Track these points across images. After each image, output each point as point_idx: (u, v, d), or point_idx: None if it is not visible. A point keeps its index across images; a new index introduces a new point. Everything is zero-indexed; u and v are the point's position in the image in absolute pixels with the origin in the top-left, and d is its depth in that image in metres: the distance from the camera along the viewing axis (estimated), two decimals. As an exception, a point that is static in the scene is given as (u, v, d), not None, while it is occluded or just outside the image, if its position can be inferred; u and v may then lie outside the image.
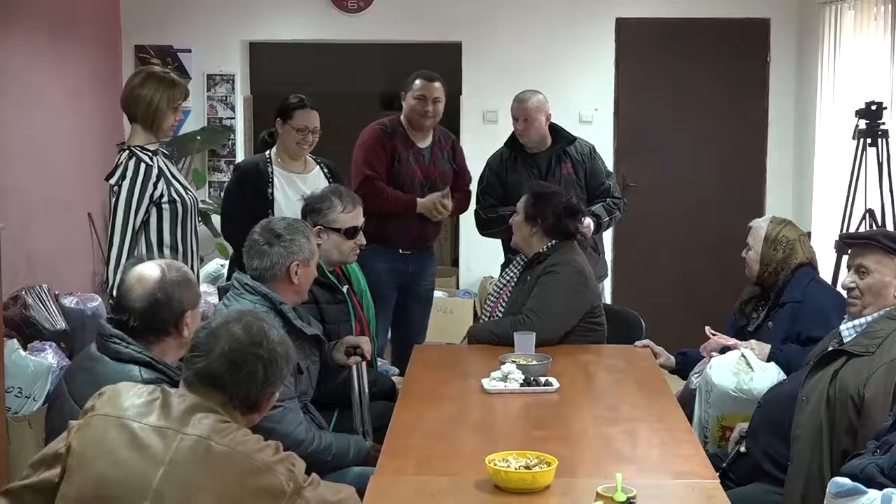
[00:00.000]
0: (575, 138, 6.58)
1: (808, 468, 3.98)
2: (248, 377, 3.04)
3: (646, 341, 5.46)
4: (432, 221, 6.35)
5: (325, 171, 6.09)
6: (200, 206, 7.27)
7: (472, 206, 6.73)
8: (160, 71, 5.64)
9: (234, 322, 3.11)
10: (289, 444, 3.25)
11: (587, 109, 8.75)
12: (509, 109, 6.48)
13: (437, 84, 6.38)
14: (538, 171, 6.42)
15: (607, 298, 6.75)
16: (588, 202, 6.33)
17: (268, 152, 5.95)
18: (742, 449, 4.49)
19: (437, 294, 8.60)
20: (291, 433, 4.01)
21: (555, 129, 6.56)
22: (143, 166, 5.12)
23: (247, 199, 5.68)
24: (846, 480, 3.24)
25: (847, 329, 4.13)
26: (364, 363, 4.91)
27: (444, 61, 8.96)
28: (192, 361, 3.06)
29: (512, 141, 6.63)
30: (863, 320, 4.10)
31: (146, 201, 5.14)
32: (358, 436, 4.58)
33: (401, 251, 6.34)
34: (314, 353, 4.51)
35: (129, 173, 5.11)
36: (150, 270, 3.63)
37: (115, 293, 5.06)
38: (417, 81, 6.36)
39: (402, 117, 6.46)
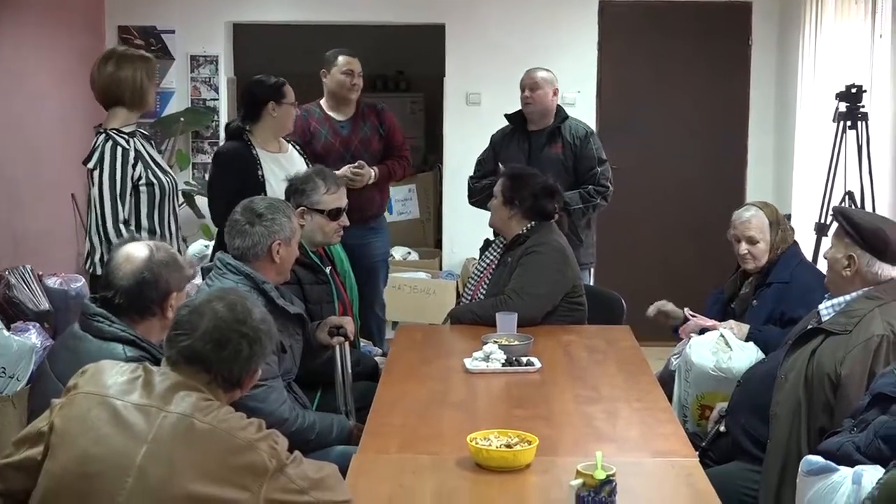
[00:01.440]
0: (567, 117, 6.61)
1: (786, 446, 4.00)
2: (232, 355, 3.04)
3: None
4: (356, 191, 6.18)
5: (298, 149, 6.15)
6: (184, 187, 7.27)
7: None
8: (125, 50, 5.61)
9: (217, 300, 3.11)
10: (272, 423, 3.25)
11: (570, 92, 8.72)
12: (493, 91, 6.50)
13: (356, 59, 6.62)
14: (528, 148, 6.45)
15: (590, 280, 6.74)
16: (575, 185, 6.34)
17: (245, 136, 5.92)
18: (721, 428, 4.52)
19: (420, 275, 8.67)
20: (275, 412, 4.01)
21: (558, 110, 6.59)
22: (119, 150, 5.13)
23: (236, 182, 5.65)
24: (818, 458, 3.26)
25: (826, 308, 4.15)
26: (347, 343, 4.92)
27: (428, 43, 8.99)
28: (175, 340, 3.05)
29: (513, 116, 6.67)
30: (841, 299, 4.12)
31: (129, 187, 5.14)
32: (341, 415, 4.60)
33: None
34: (297, 332, 4.52)
35: (107, 157, 5.12)
36: (138, 250, 3.63)
37: (99, 273, 5.10)
38: (341, 58, 6.61)
39: (324, 97, 6.68)
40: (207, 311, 3.07)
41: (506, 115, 6.72)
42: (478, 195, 6.53)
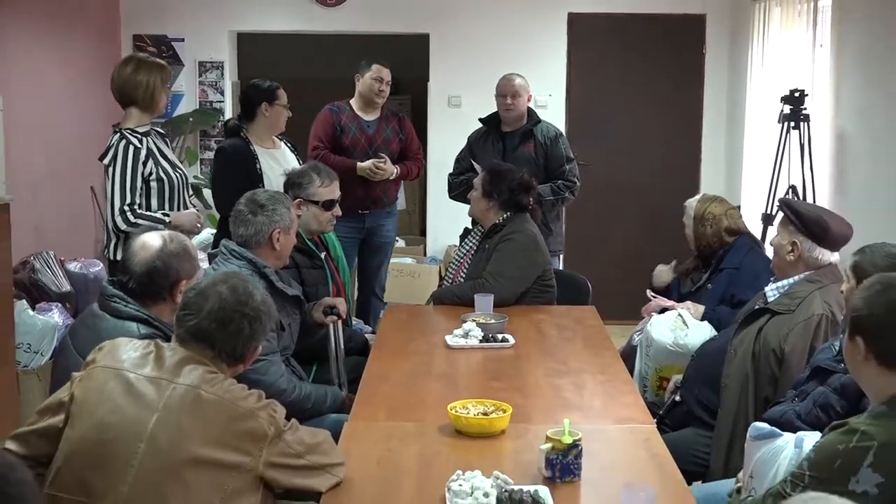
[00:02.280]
0: (540, 120, 6.60)
1: (735, 414, 4.02)
2: (235, 333, 3.05)
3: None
4: (379, 183, 6.53)
5: (290, 146, 6.18)
6: (193, 181, 7.26)
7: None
8: (146, 57, 5.65)
9: (221, 283, 3.12)
10: (272, 394, 3.25)
11: (542, 95, 8.72)
12: (472, 94, 6.50)
13: (388, 69, 6.67)
14: (502, 147, 6.44)
15: (560, 265, 6.75)
16: (546, 181, 6.34)
17: (243, 134, 5.92)
18: (677, 398, 4.53)
19: (405, 260, 8.70)
20: (275, 384, 4.01)
21: (530, 113, 6.58)
22: (132, 148, 5.13)
23: (239, 175, 5.66)
24: (764, 425, 3.27)
25: (771, 290, 4.17)
26: (340, 321, 4.92)
27: (413, 51, 8.97)
28: (183, 320, 3.07)
29: (489, 119, 6.66)
30: (785, 282, 4.14)
31: (139, 181, 5.13)
32: (334, 387, 4.59)
33: (359, 211, 6.51)
34: (294, 312, 4.52)
35: (120, 155, 5.13)
36: (152, 240, 3.63)
37: (114, 259, 5.11)
38: (374, 66, 6.64)
39: (354, 97, 6.72)
40: (212, 293, 3.08)
41: (480, 119, 6.71)
42: (456, 189, 6.54)
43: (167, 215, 5.19)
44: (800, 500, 1.46)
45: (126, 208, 5.10)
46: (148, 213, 5.15)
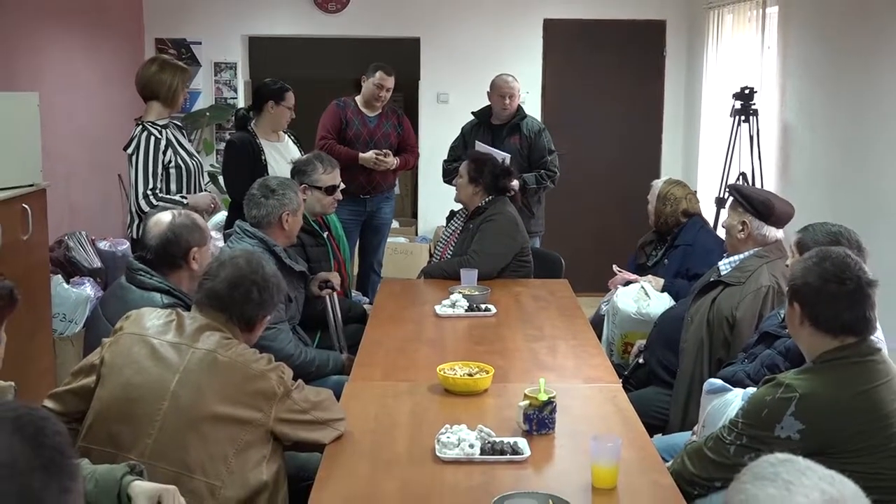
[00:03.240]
0: (526, 115, 6.60)
1: (691, 374, 4.03)
2: (244, 297, 3.07)
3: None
4: (378, 172, 6.55)
5: (293, 139, 6.16)
6: (209, 168, 7.24)
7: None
8: (169, 59, 5.66)
9: (239, 256, 3.18)
10: (280, 358, 3.25)
11: (520, 92, 8.72)
12: (459, 92, 6.49)
13: (391, 77, 6.65)
14: (492, 139, 6.42)
15: (535, 243, 6.75)
16: (529, 170, 6.35)
17: (250, 127, 5.91)
18: (640, 360, 4.54)
19: (399, 240, 8.68)
20: (283, 349, 4.00)
21: (518, 108, 6.58)
22: (153, 139, 5.13)
23: (246, 165, 5.65)
24: (717, 381, 3.29)
25: (724, 265, 4.17)
26: (335, 294, 4.92)
27: (405, 53, 8.93)
28: (202, 284, 3.11)
29: (480, 112, 6.64)
30: (736, 258, 4.14)
31: (160, 168, 5.12)
32: (336, 352, 4.59)
33: (360, 196, 6.51)
34: (300, 285, 4.53)
35: (142, 145, 5.13)
36: (163, 216, 3.65)
37: (136, 238, 5.11)
38: (378, 73, 6.62)
39: (359, 95, 6.71)
40: (230, 263, 3.12)
41: (473, 113, 6.70)
42: (451, 175, 6.52)
43: (185, 198, 5.18)
44: (767, 464, 1.44)
45: (149, 192, 5.09)
46: (168, 196, 5.14)
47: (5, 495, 1.22)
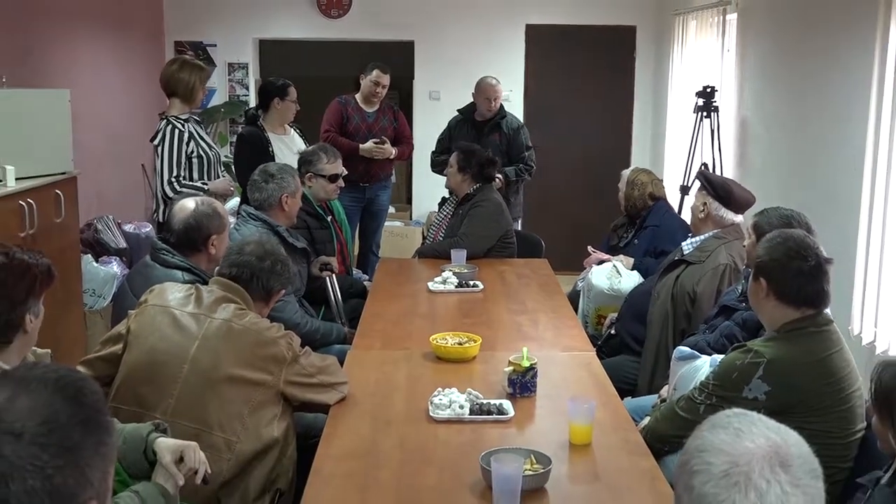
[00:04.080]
0: (507, 114, 6.59)
1: (657, 343, 4.05)
2: (269, 267, 3.12)
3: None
4: (376, 161, 6.51)
5: (299, 132, 6.15)
6: (224, 159, 7.23)
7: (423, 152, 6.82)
8: (190, 59, 5.64)
9: (257, 238, 3.26)
10: (289, 326, 3.26)
11: (504, 90, 8.63)
12: (452, 90, 6.48)
13: (387, 75, 6.61)
14: (475, 135, 6.41)
15: (518, 226, 6.75)
16: (508, 164, 6.35)
17: (259, 122, 5.92)
18: (612, 331, 4.56)
19: (395, 223, 8.68)
20: (291, 318, 4.00)
21: (500, 108, 6.55)
22: (176, 132, 5.12)
23: (254, 156, 5.64)
24: (686, 349, 3.31)
25: (687, 245, 4.19)
26: (333, 275, 4.92)
27: (401, 55, 8.90)
28: (228, 258, 3.15)
29: (466, 109, 6.62)
30: (697, 239, 4.16)
31: (183, 158, 5.11)
32: (338, 324, 4.59)
33: (360, 184, 6.48)
34: (303, 260, 4.52)
35: (167, 137, 5.11)
36: (187, 203, 3.63)
37: (161, 221, 5.10)
38: (374, 71, 6.59)
39: (358, 93, 6.66)
40: (253, 240, 3.20)
41: (458, 110, 6.69)
42: (438, 166, 6.53)
43: (205, 184, 5.17)
44: (724, 416, 1.47)
45: (173, 179, 5.08)
46: (190, 182, 5.13)
47: (47, 447, 1.22)
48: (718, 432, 1.41)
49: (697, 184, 4.34)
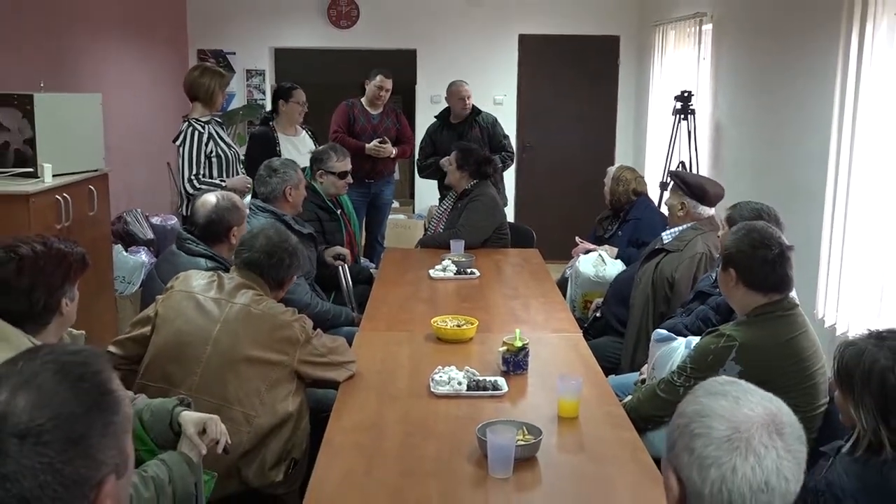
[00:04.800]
0: (480, 111, 6.57)
1: (639, 325, 4.05)
2: (278, 262, 3.09)
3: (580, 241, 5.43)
4: (380, 160, 6.47)
5: (310, 133, 6.14)
6: (242, 157, 7.22)
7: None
8: (211, 66, 5.62)
9: (268, 229, 3.19)
10: (300, 307, 3.27)
11: (500, 94, 8.71)
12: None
13: (389, 80, 6.58)
14: (456, 135, 6.40)
15: (511, 219, 6.76)
16: (491, 153, 6.34)
17: (271, 124, 5.95)
18: (598, 314, 4.56)
19: (399, 216, 8.68)
20: (301, 299, 3.98)
21: (472, 106, 6.55)
22: (196, 133, 5.09)
23: (263, 154, 5.63)
24: (664, 331, 3.30)
25: (667, 235, 4.18)
26: (345, 265, 4.93)
27: (405, 62, 8.88)
28: (240, 253, 3.12)
29: (441, 115, 6.63)
30: (676, 230, 4.15)
31: (203, 157, 5.10)
32: (347, 308, 4.59)
33: (366, 180, 6.47)
34: (310, 245, 4.49)
35: (188, 138, 5.08)
36: (210, 198, 3.62)
37: (185, 215, 5.09)
38: (378, 76, 6.57)
39: (364, 97, 6.63)
40: (261, 235, 3.13)
41: (435, 116, 6.71)
42: (425, 171, 6.59)
43: (223, 181, 5.16)
44: (716, 383, 1.47)
45: (192, 177, 5.07)
46: (209, 179, 5.12)
47: (52, 444, 1.17)
48: (718, 399, 1.40)
49: (671, 183, 4.33)
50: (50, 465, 1.16)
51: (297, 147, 5.86)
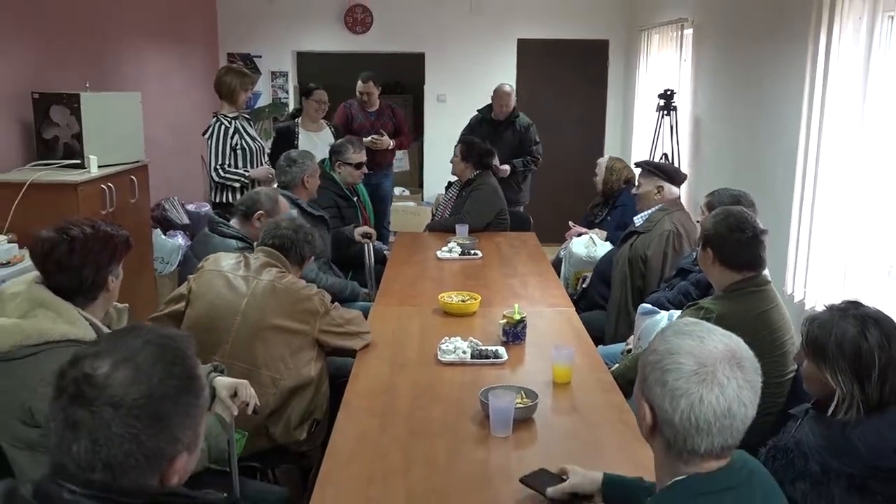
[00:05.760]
0: (519, 114, 6.46)
1: (619, 301, 4.06)
2: (302, 239, 3.13)
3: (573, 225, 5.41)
4: (378, 152, 6.37)
5: (332, 129, 6.14)
6: (268, 151, 7.22)
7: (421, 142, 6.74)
8: (236, 67, 5.63)
9: (287, 217, 3.27)
10: (309, 280, 3.29)
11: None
12: (457, 94, 6.40)
13: (369, 83, 6.52)
14: (492, 131, 6.32)
15: (522, 209, 6.70)
16: (520, 156, 6.28)
17: (296, 120, 6.03)
18: (584, 286, 4.56)
19: (409, 204, 8.68)
20: (306, 275, 3.79)
21: (514, 109, 6.46)
22: (222, 127, 5.09)
23: (284, 147, 5.67)
24: (648, 305, 3.31)
25: (638, 219, 4.20)
26: (371, 243, 4.96)
27: (414, 64, 8.85)
28: (267, 235, 3.15)
29: (485, 110, 6.51)
30: (646, 213, 4.18)
31: (228, 149, 5.10)
32: (354, 283, 4.46)
33: (366, 171, 6.31)
34: (322, 226, 4.49)
35: (215, 132, 5.10)
36: (264, 189, 3.75)
37: (214, 201, 5.11)
38: (359, 82, 6.56)
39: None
40: (285, 219, 3.21)
41: (478, 110, 6.57)
42: None
43: (247, 171, 5.16)
44: (683, 324, 1.50)
45: (218, 167, 5.07)
46: (233, 169, 5.11)
47: (142, 418, 1.19)
48: (685, 338, 1.44)
49: (641, 171, 4.32)
50: (136, 437, 1.19)
51: (316, 141, 5.86)
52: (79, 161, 4.67)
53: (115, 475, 1.19)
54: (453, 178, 5.85)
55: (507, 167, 5.98)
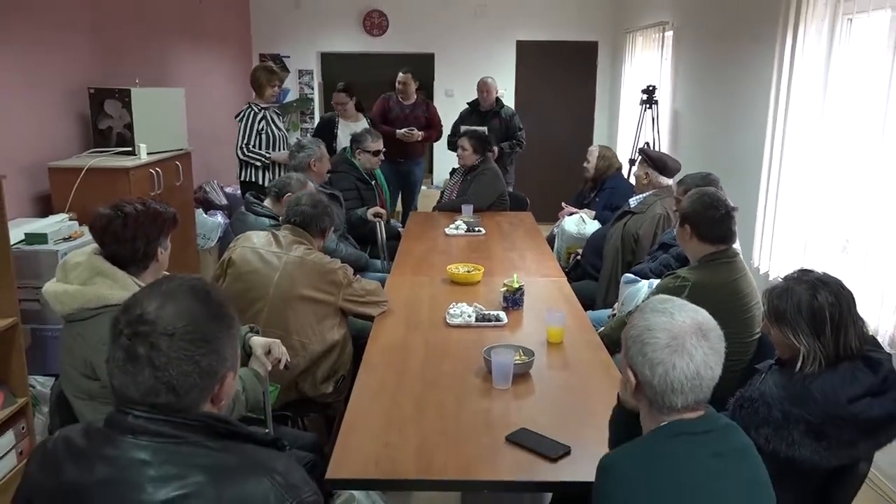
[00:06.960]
0: (504, 105, 6.48)
1: (610, 271, 4.05)
2: (321, 212, 3.12)
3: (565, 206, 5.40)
4: (409, 144, 6.37)
5: (368, 120, 6.14)
6: (294, 140, 7.23)
7: (445, 137, 6.68)
8: (267, 64, 5.67)
9: (305, 193, 3.24)
10: (329, 252, 3.28)
11: (500, 90, 8.53)
12: (463, 89, 6.36)
13: (407, 75, 6.48)
14: (480, 121, 6.33)
15: (510, 188, 6.70)
16: (504, 140, 6.28)
17: (338, 110, 6.08)
18: (579, 259, 4.55)
19: (421, 187, 8.62)
20: (328, 246, 3.86)
21: (497, 100, 6.45)
22: (252, 113, 5.18)
23: (323, 133, 5.71)
24: (631, 275, 3.31)
25: (633, 201, 4.17)
26: (382, 221, 4.92)
27: (425, 63, 8.80)
28: (290, 210, 3.14)
29: (473, 103, 6.51)
30: (640, 196, 4.14)
31: (254, 132, 5.12)
32: (364, 254, 4.46)
33: (398, 159, 6.41)
34: (335, 203, 4.44)
35: (244, 116, 5.21)
36: (294, 174, 3.79)
37: (242, 179, 5.15)
38: (400, 74, 6.51)
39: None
40: (305, 195, 3.18)
41: (468, 103, 6.59)
42: (452, 145, 6.48)
43: (269, 154, 5.20)
44: (658, 301, 1.57)
45: (243, 146, 5.16)
46: (256, 150, 5.18)
47: (193, 341, 1.24)
48: (659, 315, 1.53)
49: (640, 158, 4.30)
50: (191, 358, 1.23)
51: (353, 130, 5.80)
52: (130, 149, 4.67)
53: (179, 395, 1.23)
54: (456, 165, 5.84)
55: (495, 149, 5.97)
